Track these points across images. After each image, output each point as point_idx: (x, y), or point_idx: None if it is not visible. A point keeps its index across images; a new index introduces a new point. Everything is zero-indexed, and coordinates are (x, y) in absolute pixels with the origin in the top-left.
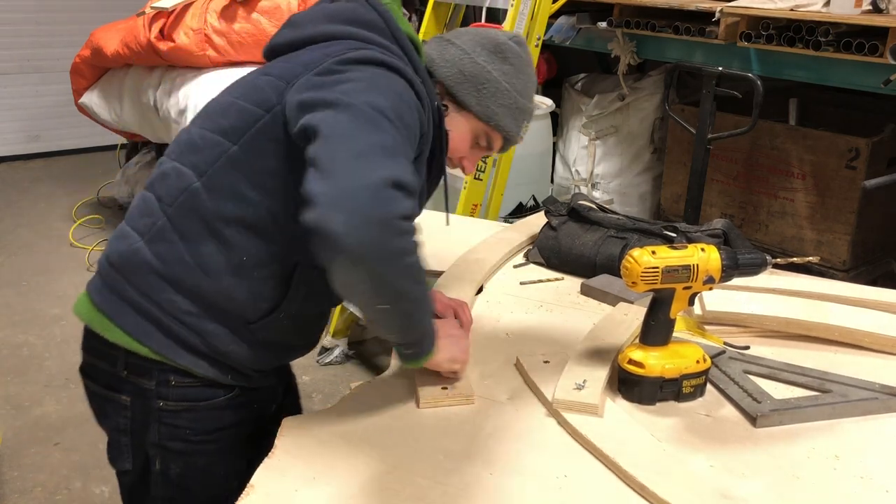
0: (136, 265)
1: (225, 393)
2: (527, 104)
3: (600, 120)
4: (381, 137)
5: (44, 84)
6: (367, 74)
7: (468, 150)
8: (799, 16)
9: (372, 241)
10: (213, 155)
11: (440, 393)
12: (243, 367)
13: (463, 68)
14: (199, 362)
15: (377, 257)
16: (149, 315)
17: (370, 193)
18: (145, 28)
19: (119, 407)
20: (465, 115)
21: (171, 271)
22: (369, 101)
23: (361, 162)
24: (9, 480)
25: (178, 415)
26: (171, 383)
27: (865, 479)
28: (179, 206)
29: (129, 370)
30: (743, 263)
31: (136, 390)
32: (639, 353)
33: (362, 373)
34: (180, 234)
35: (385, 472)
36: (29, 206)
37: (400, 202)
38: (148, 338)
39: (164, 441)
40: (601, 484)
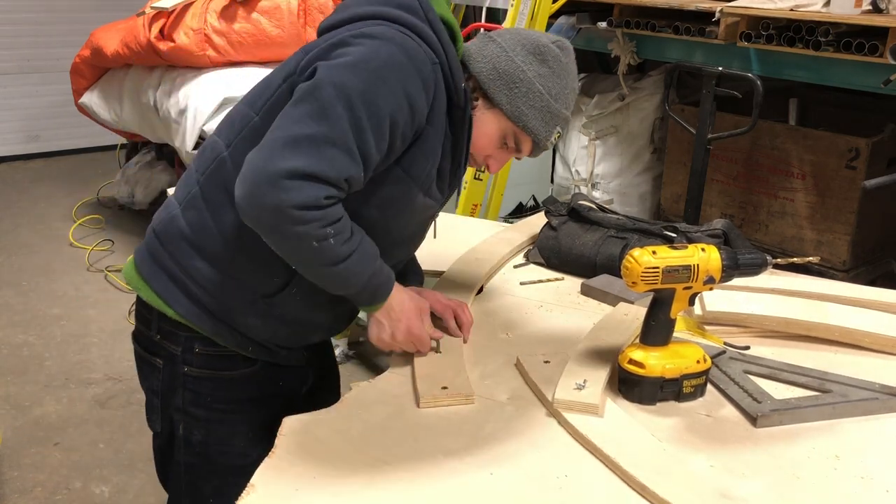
0: (171, 232)
1: (247, 365)
2: (560, 109)
3: (600, 120)
4: (317, 129)
5: (44, 84)
6: (367, 49)
7: (495, 150)
8: (799, 16)
9: (267, 224)
10: (240, 126)
11: (440, 392)
12: (263, 340)
13: (498, 65)
14: (221, 331)
15: (276, 239)
16: (178, 280)
17: (267, 181)
18: (145, 28)
19: (154, 369)
20: (495, 113)
21: (197, 238)
22: (341, 83)
23: (279, 150)
24: (9, 480)
25: (201, 382)
26: (196, 350)
27: (866, 479)
28: (209, 175)
29: (162, 334)
30: (743, 264)
31: (167, 354)
32: (639, 353)
33: (362, 373)
34: (207, 202)
35: (385, 472)
36: (29, 206)
37: (296, 192)
38: (176, 302)
39: (187, 406)
40: (601, 484)
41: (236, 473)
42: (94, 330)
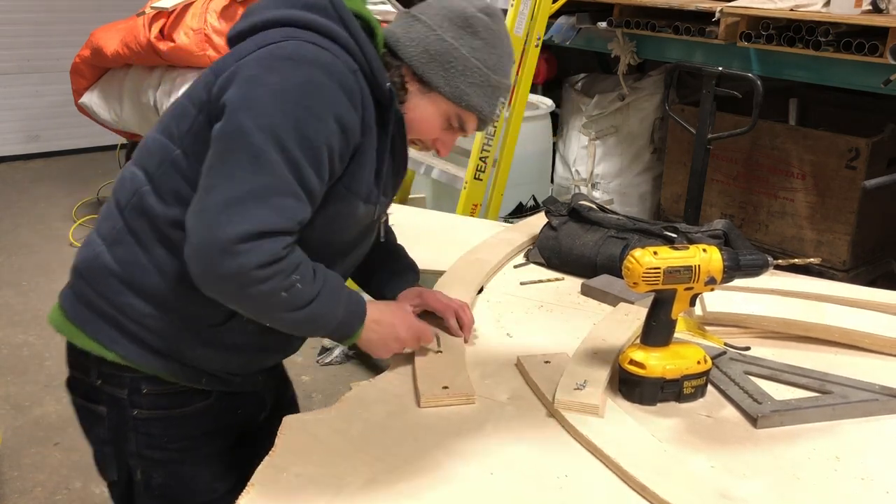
0: (98, 270)
1: (201, 399)
2: (500, 80)
3: (600, 120)
4: (256, 182)
5: (44, 84)
6: (282, 78)
7: (440, 132)
8: (799, 16)
9: (232, 292)
10: (159, 158)
11: (441, 392)
12: (216, 371)
13: (429, 46)
14: (169, 366)
15: (245, 304)
16: (114, 321)
17: (220, 252)
18: (145, 28)
19: (98, 418)
20: (434, 97)
21: (129, 274)
22: (267, 125)
23: (224, 214)
24: (9, 480)
25: (153, 423)
26: (143, 391)
27: (866, 480)
28: (132, 208)
29: (103, 379)
30: (745, 264)
31: (111, 400)
32: (640, 354)
33: (362, 373)
34: (135, 236)
35: (385, 472)
36: (29, 206)
37: (255, 254)
38: (115, 343)
39: (142, 450)
40: (601, 484)
41: None
42: None
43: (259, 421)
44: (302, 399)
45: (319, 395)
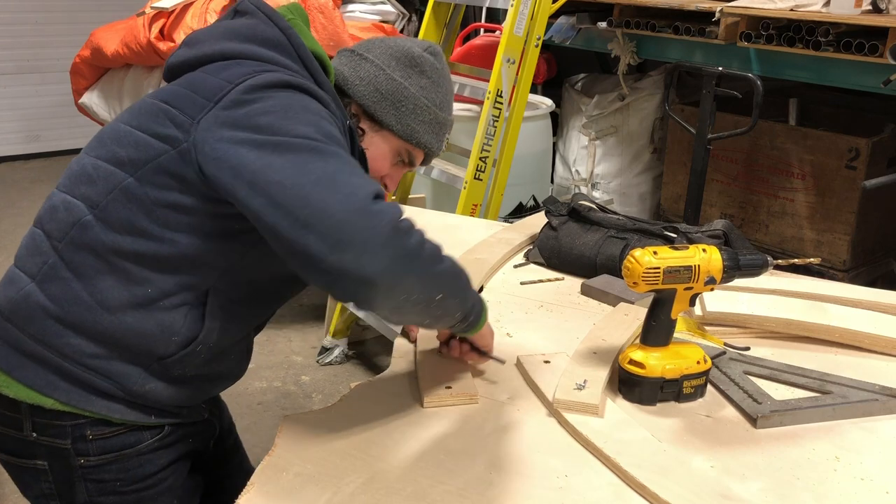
0: (28, 311)
1: (152, 435)
2: (446, 118)
3: (600, 120)
4: (326, 163)
5: (44, 84)
6: (278, 102)
7: (390, 168)
8: (799, 16)
9: (397, 256)
10: (107, 187)
11: (444, 392)
12: (165, 405)
13: (379, 86)
14: (115, 407)
15: (410, 266)
16: (50, 364)
17: (365, 218)
18: (145, 28)
19: (37, 473)
20: (385, 135)
21: (68, 312)
22: (292, 132)
23: (330, 193)
24: (9, 480)
25: (104, 468)
26: (89, 437)
27: (866, 480)
28: (70, 241)
29: (38, 431)
30: (744, 264)
31: (51, 452)
32: (639, 354)
33: (362, 373)
34: (74, 271)
35: (385, 472)
36: (29, 206)
37: (388, 209)
38: (52, 389)
39: (94, 498)
40: (601, 484)
41: None
42: None
43: (210, 448)
44: (302, 399)
45: (319, 395)
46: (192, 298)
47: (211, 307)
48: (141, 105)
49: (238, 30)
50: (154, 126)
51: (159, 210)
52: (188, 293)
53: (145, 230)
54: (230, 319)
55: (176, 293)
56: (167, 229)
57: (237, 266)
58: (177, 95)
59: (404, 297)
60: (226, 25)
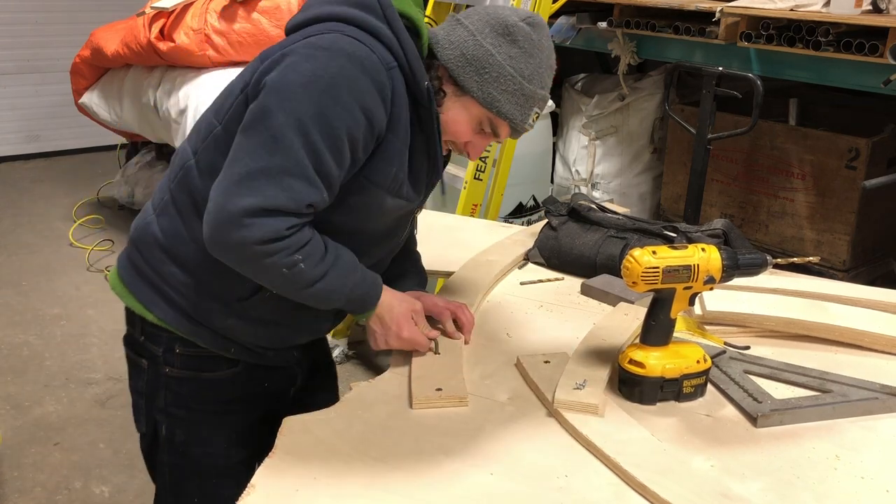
0: (146, 238)
1: (228, 367)
2: (535, 90)
3: (600, 120)
4: (270, 161)
5: (44, 84)
6: (316, 66)
7: (472, 136)
8: (799, 16)
9: (235, 259)
10: (205, 133)
11: (434, 394)
12: (245, 342)
13: (466, 51)
14: (200, 332)
15: (247, 271)
16: (155, 285)
17: (228, 221)
18: (145, 28)
19: (140, 370)
20: (467, 101)
21: (170, 244)
22: (292, 108)
23: (236, 187)
24: (9, 480)
25: (182, 382)
26: (176, 351)
27: (866, 479)
28: (178, 181)
29: (146, 336)
30: (743, 264)
31: (150, 355)
32: (639, 353)
33: (362, 373)
34: (178, 208)
35: (385, 472)
36: (29, 206)
37: (258, 229)
38: (155, 306)
39: (169, 407)
40: (601, 484)
41: (220, 474)
42: (94, 330)
43: (289, 396)
44: None
45: None
46: None
47: None
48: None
49: None
50: (245, 77)
51: None
52: None
53: None
54: None
55: None
56: None
57: None
58: (269, 50)
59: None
60: None
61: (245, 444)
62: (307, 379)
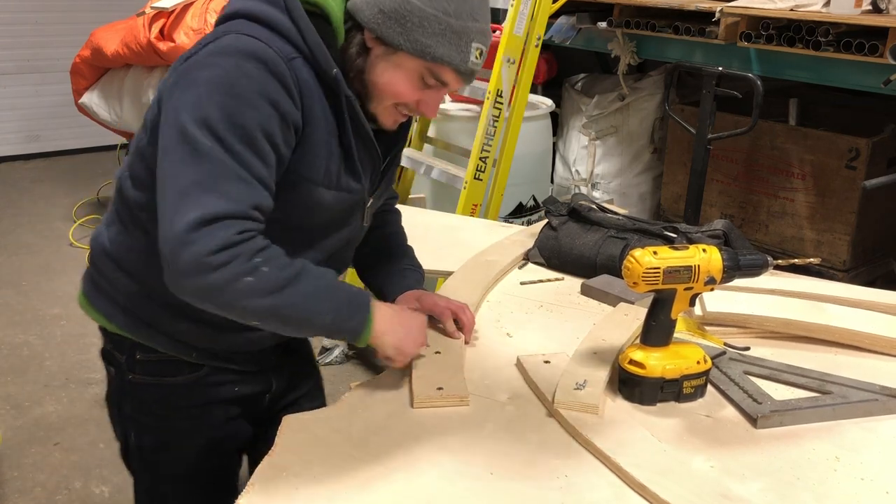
0: (98, 250)
1: (190, 371)
2: (465, 24)
3: (600, 120)
4: (198, 172)
5: (44, 84)
6: (213, 72)
7: (420, 92)
8: (799, 16)
9: (194, 290)
10: (135, 146)
11: (435, 393)
12: (205, 346)
13: (381, 5)
14: (158, 338)
15: (217, 301)
16: (110, 295)
17: (177, 244)
18: (145, 28)
19: (110, 378)
20: (399, 57)
21: (117, 253)
22: (200, 117)
23: (174, 210)
24: (9, 480)
25: (146, 389)
26: (137, 357)
27: (866, 480)
28: (118, 192)
29: (112, 345)
30: (744, 264)
31: (117, 363)
32: (639, 354)
33: (362, 373)
34: (121, 218)
35: (385, 472)
36: (29, 206)
37: (207, 239)
38: (112, 315)
39: (135, 414)
40: (601, 484)
41: (191, 480)
42: (94, 330)
43: (265, 402)
44: None
45: None
46: None
47: None
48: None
49: None
50: (161, 87)
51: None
52: None
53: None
54: None
55: None
56: None
57: None
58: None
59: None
60: None
61: (217, 449)
62: (287, 387)
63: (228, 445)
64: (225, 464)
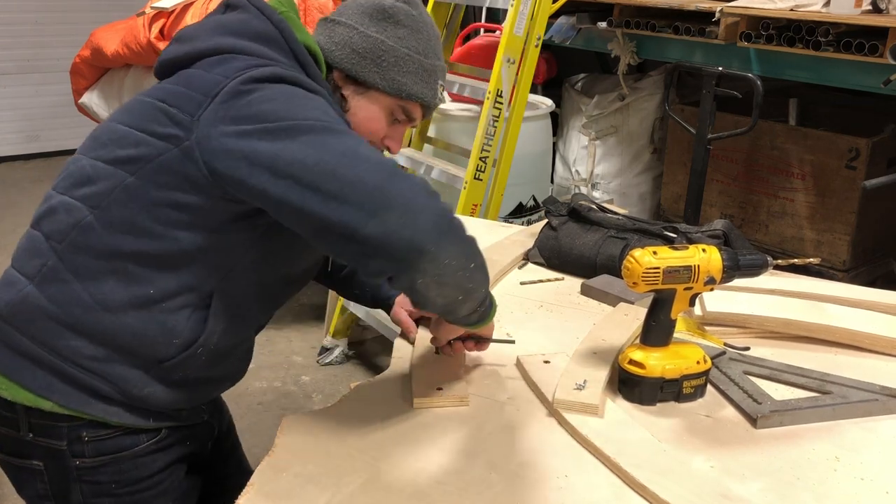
0: (27, 312)
1: (149, 438)
2: (433, 63)
3: (600, 120)
4: (343, 139)
5: (44, 84)
6: (275, 92)
7: (388, 129)
8: (799, 16)
9: (438, 215)
10: (106, 187)
11: (435, 394)
12: (164, 408)
13: (355, 46)
14: (113, 410)
15: (450, 226)
16: (49, 366)
17: (401, 182)
18: (145, 28)
19: (33, 474)
20: (372, 95)
21: (68, 314)
22: (300, 115)
23: (357, 164)
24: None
25: (99, 470)
26: (85, 439)
27: (866, 480)
28: (70, 242)
29: (35, 432)
30: (744, 264)
31: (47, 452)
32: (639, 354)
33: (362, 373)
34: (74, 272)
35: (385, 472)
36: (29, 206)
37: (414, 176)
38: (50, 391)
39: (88, 500)
40: (601, 484)
41: None
42: None
43: (208, 449)
44: (302, 399)
45: (319, 396)
46: (195, 300)
47: (214, 309)
48: (136, 104)
49: (230, 24)
50: (153, 125)
51: (160, 208)
52: (191, 294)
53: (146, 229)
54: (233, 321)
55: (178, 294)
56: (169, 227)
57: (239, 265)
58: (173, 93)
59: (446, 261)
60: (217, 20)
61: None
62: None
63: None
64: None
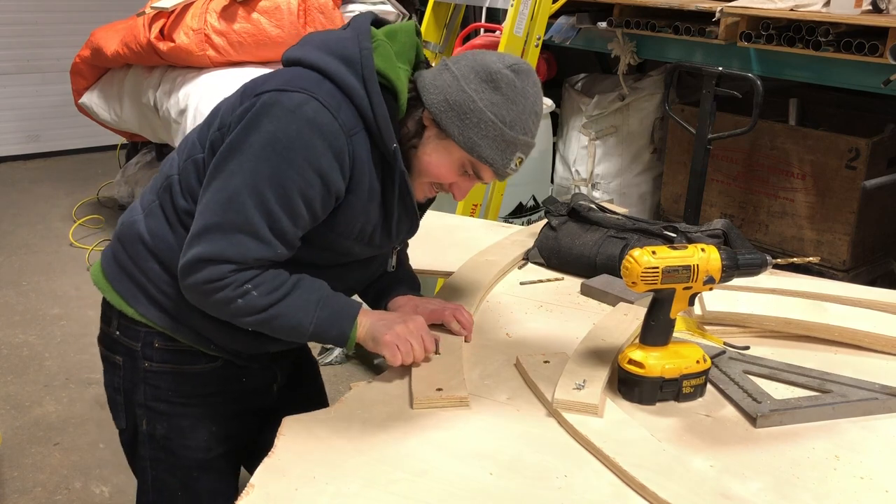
0: (131, 235)
1: (207, 361)
2: (516, 136)
3: (600, 120)
4: (223, 218)
5: (44, 84)
6: (277, 127)
7: (456, 177)
8: (799, 16)
9: (197, 301)
10: (188, 153)
11: (434, 394)
12: (223, 342)
13: (449, 96)
14: (181, 329)
15: (210, 310)
16: (137, 281)
17: (183, 269)
18: (145, 28)
19: (115, 367)
20: (449, 144)
21: (155, 245)
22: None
23: (194, 240)
24: (9, 480)
25: (162, 376)
26: (155, 345)
27: (865, 479)
28: (163, 190)
29: (121, 331)
30: (743, 264)
31: (127, 351)
32: (639, 354)
33: (362, 373)
34: (165, 214)
35: (385, 472)
36: (29, 206)
37: (204, 273)
38: (135, 300)
39: (149, 402)
40: (601, 484)
41: (200, 467)
42: (94, 330)
43: (272, 393)
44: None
45: None
46: None
47: None
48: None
49: (329, 41)
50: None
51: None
52: None
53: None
54: None
55: None
56: None
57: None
58: (252, 83)
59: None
60: (327, 34)
61: (226, 437)
62: (290, 384)
63: (237, 436)
64: (232, 456)
